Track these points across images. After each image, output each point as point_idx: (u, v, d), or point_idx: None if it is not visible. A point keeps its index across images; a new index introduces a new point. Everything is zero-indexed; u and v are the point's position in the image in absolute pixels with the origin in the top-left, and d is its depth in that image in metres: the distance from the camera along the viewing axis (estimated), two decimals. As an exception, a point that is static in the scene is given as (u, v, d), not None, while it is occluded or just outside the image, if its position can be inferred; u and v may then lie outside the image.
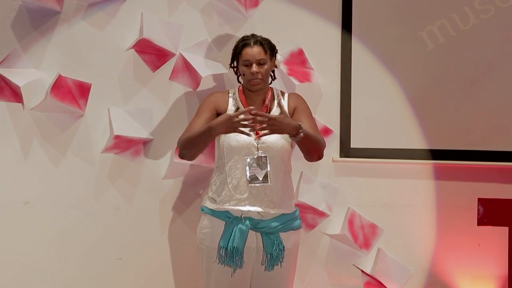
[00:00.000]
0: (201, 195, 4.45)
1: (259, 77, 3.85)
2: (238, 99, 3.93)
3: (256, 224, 3.79)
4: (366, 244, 4.55)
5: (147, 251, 4.42)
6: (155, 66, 4.40)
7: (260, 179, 3.79)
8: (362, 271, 4.56)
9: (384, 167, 4.55)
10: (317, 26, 4.51)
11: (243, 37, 3.95)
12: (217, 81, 4.42)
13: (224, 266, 3.77)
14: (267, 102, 3.92)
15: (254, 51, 3.86)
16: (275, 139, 3.83)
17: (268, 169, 3.79)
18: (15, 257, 4.30)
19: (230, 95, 3.96)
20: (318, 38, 4.51)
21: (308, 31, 4.51)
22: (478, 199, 4.55)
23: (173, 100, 4.42)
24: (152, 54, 4.39)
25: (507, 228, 4.55)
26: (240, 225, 3.75)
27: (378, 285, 4.54)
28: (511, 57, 4.50)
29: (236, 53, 3.93)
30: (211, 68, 4.40)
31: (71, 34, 4.32)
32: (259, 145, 3.81)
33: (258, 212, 3.79)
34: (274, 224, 3.81)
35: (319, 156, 3.92)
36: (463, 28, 4.51)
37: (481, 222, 4.56)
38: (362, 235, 4.54)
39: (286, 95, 4.01)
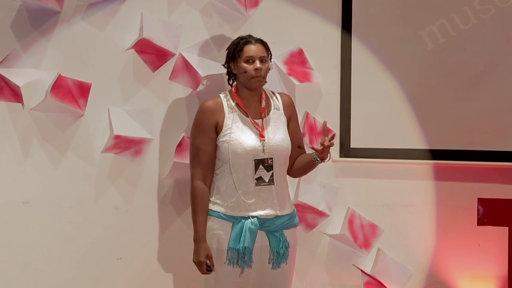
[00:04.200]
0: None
1: (261, 73, 3.85)
2: (232, 103, 3.89)
3: (262, 223, 3.79)
4: (366, 244, 4.55)
5: (147, 251, 4.42)
6: (155, 66, 4.40)
7: (266, 180, 3.80)
8: (362, 271, 4.56)
9: (384, 167, 4.55)
10: (317, 26, 4.51)
11: (240, 37, 3.93)
12: (217, 81, 4.42)
13: (233, 267, 3.77)
14: (263, 103, 3.90)
15: (257, 48, 3.85)
16: (280, 141, 3.84)
17: (274, 170, 3.80)
18: (15, 257, 4.30)
19: (223, 100, 3.89)
20: (318, 38, 4.51)
21: (308, 31, 4.51)
22: (478, 199, 4.55)
23: (173, 100, 4.42)
24: (152, 54, 4.39)
25: (507, 228, 4.54)
26: (249, 225, 3.76)
27: (378, 285, 4.54)
28: (511, 57, 4.50)
29: (236, 51, 3.87)
30: (211, 68, 4.40)
31: (71, 34, 4.32)
32: (264, 147, 3.82)
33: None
34: (278, 222, 3.82)
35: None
36: (463, 28, 4.51)
37: (481, 222, 4.55)
38: (362, 235, 4.54)
39: (278, 96, 3.98)
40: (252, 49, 3.85)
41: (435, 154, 4.54)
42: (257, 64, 3.83)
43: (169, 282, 4.46)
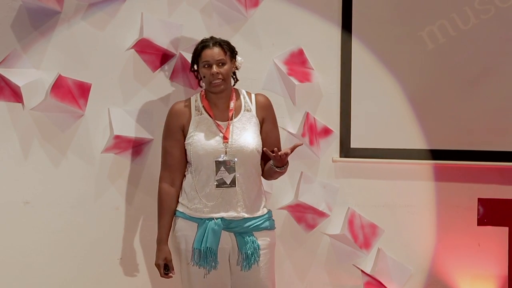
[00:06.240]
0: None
1: (219, 77, 3.81)
2: (200, 105, 3.88)
3: (228, 224, 3.77)
4: (366, 244, 4.55)
5: (147, 251, 4.42)
6: (155, 66, 4.41)
7: (228, 183, 3.77)
8: (362, 271, 4.56)
9: (384, 167, 4.55)
10: (317, 26, 4.51)
11: (202, 40, 3.91)
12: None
13: (199, 267, 3.76)
14: (232, 105, 3.87)
15: (214, 52, 3.82)
16: (245, 143, 3.80)
17: (236, 173, 3.78)
18: (15, 257, 4.30)
19: (192, 102, 3.89)
20: (318, 38, 4.51)
21: (308, 31, 4.51)
22: (478, 199, 4.55)
23: (173, 100, 4.41)
24: (152, 54, 4.39)
25: (507, 228, 4.55)
26: (212, 226, 3.74)
27: (378, 285, 4.54)
28: (511, 57, 4.51)
29: (196, 56, 3.87)
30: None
31: (71, 34, 4.32)
32: (227, 149, 3.80)
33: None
34: (245, 224, 3.79)
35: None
36: (463, 28, 4.51)
37: (481, 222, 4.56)
38: (362, 235, 4.54)
39: (252, 97, 3.93)
40: (208, 54, 3.82)
41: (435, 154, 4.54)
42: (213, 69, 3.80)
43: (169, 282, 4.46)
